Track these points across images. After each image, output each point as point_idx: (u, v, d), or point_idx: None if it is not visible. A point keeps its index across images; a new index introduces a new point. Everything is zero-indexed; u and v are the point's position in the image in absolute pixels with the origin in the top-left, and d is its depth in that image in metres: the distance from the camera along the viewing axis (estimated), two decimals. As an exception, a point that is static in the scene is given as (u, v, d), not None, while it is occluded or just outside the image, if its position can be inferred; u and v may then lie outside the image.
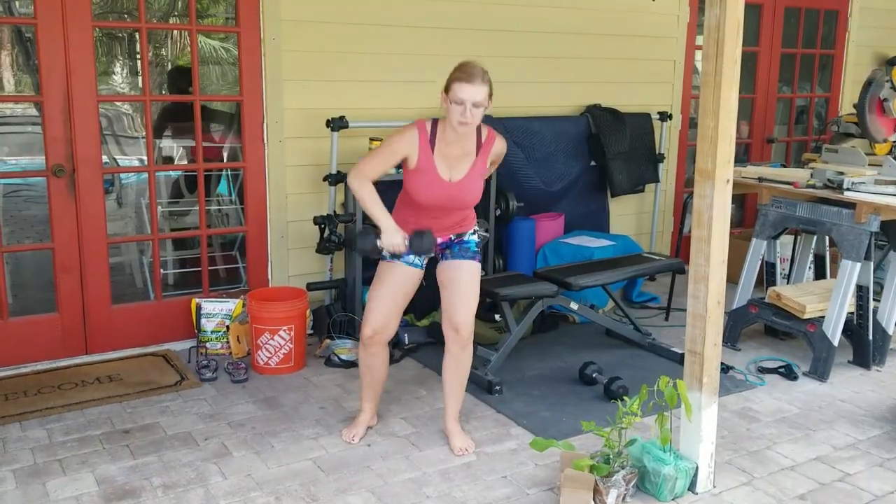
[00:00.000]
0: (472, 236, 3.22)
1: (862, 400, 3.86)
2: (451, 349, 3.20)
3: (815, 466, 3.21)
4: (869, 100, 4.41)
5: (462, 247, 3.17)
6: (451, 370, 3.24)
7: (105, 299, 4.21)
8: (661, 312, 5.16)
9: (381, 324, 3.19)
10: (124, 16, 8.76)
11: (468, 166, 3.06)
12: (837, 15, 6.77)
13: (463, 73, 2.91)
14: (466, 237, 3.21)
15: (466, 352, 3.21)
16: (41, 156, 4.04)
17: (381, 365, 3.33)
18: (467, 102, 2.89)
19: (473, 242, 3.21)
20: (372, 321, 3.18)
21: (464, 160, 3.06)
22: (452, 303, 3.14)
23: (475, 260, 3.20)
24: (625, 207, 5.85)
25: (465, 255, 3.17)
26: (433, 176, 3.03)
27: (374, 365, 3.31)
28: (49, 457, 3.16)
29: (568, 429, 3.44)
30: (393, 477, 3.05)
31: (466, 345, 3.19)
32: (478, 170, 3.08)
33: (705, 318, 2.87)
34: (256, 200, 4.52)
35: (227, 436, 3.37)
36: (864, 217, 3.99)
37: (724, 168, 2.78)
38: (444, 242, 3.20)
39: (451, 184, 3.05)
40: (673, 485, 2.89)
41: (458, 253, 3.17)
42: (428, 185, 3.03)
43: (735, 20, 2.68)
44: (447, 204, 3.09)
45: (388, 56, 4.67)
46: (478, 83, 2.90)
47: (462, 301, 3.13)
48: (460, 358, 3.21)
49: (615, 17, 5.48)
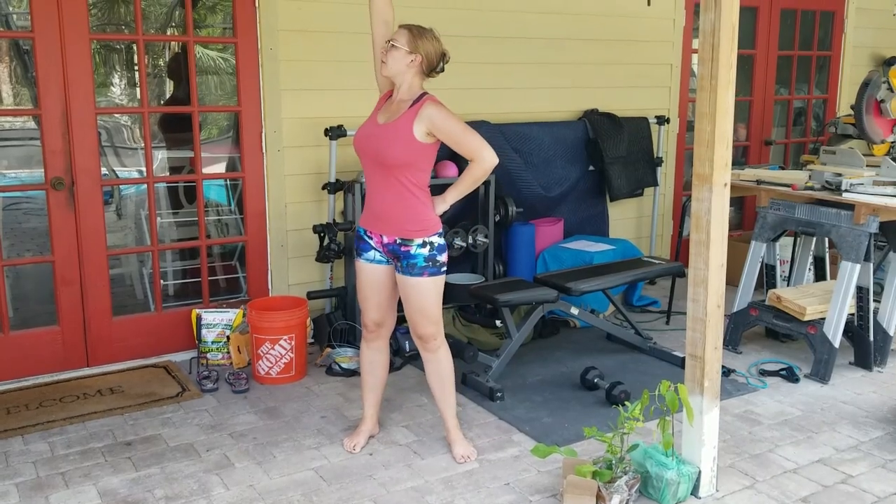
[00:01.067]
0: (420, 249, 3.07)
1: (864, 401, 3.86)
2: (423, 355, 3.28)
3: (818, 469, 3.20)
4: (866, 101, 4.42)
5: (409, 261, 3.08)
6: (431, 373, 3.28)
7: (106, 311, 4.21)
8: (662, 316, 5.16)
9: (379, 316, 3.26)
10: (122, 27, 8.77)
11: (397, 116, 3.07)
12: (834, 16, 6.78)
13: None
14: (413, 249, 3.07)
15: (437, 355, 3.24)
16: (39, 169, 4.04)
17: (382, 364, 3.36)
18: (387, 43, 3.06)
19: (421, 257, 3.07)
20: (370, 315, 3.26)
21: (397, 111, 3.09)
22: (409, 317, 3.21)
23: (424, 275, 3.09)
24: (624, 211, 5.86)
25: (412, 272, 3.09)
26: (372, 119, 3.16)
27: (376, 362, 3.33)
28: (51, 470, 3.15)
29: (570, 434, 3.44)
30: (395, 486, 3.05)
31: (434, 349, 3.22)
32: (404, 121, 3.03)
33: (705, 322, 2.87)
34: (256, 210, 4.52)
35: (229, 446, 3.37)
36: (863, 218, 4.00)
37: (721, 171, 2.78)
38: (391, 245, 3.11)
39: (377, 125, 3.10)
40: (676, 489, 2.89)
41: (405, 269, 3.10)
42: (364, 126, 3.16)
43: (730, 24, 2.68)
44: (366, 148, 3.09)
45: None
46: (401, 27, 3.07)
47: (416, 314, 3.17)
48: (433, 362, 3.25)
49: (611, 22, 5.49)
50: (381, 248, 3.15)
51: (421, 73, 3.08)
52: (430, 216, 3.11)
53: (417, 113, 3.01)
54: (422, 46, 3.04)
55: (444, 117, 3.01)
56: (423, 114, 3.01)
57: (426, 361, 3.28)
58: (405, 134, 3.01)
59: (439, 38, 3.11)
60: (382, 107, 3.18)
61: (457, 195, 3.14)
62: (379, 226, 3.12)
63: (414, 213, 3.07)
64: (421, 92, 3.09)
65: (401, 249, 3.09)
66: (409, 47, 3.03)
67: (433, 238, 3.10)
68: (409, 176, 3.04)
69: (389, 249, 3.13)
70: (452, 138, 3.04)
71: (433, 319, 3.17)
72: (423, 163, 3.07)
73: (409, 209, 3.07)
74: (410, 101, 3.06)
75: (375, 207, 3.13)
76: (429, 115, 3.00)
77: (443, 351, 3.25)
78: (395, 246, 3.10)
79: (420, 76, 3.09)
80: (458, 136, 3.04)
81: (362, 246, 3.20)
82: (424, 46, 3.05)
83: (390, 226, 3.09)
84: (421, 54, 3.04)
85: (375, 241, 3.15)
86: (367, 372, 3.37)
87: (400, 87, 3.09)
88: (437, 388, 3.29)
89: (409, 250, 3.08)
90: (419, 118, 3.01)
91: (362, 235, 3.20)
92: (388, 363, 3.42)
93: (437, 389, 3.29)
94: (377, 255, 3.18)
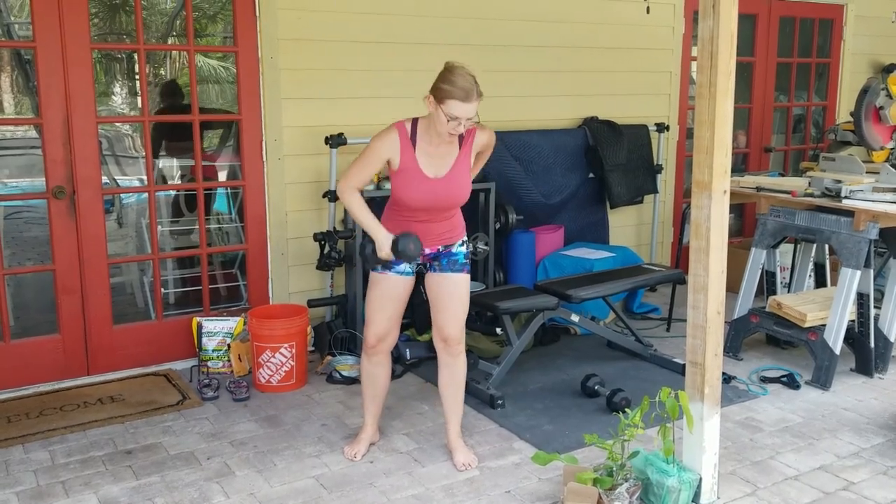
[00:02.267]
0: (460, 248, 3.20)
1: (865, 408, 3.86)
2: (443, 359, 3.25)
3: (819, 476, 3.20)
4: (865, 108, 4.43)
5: (450, 259, 3.16)
6: (446, 380, 3.27)
7: (106, 320, 4.21)
8: (663, 323, 5.16)
9: (384, 331, 3.24)
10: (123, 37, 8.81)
11: (452, 161, 3.06)
12: (832, 24, 6.81)
13: (458, 90, 2.87)
14: (455, 248, 3.19)
15: (459, 360, 3.23)
16: (41, 178, 4.06)
17: (383, 376, 3.35)
18: (462, 119, 2.92)
19: (462, 254, 3.20)
20: (374, 330, 3.23)
21: (447, 156, 3.06)
22: (441, 315, 3.18)
23: (464, 272, 3.20)
24: (624, 219, 5.87)
25: (454, 268, 3.17)
26: (417, 174, 3.03)
27: (377, 375, 3.32)
28: (52, 479, 3.15)
29: (571, 442, 3.44)
30: (396, 493, 3.05)
31: (458, 354, 3.22)
32: (462, 163, 3.08)
33: (705, 329, 2.87)
34: (256, 218, 4.53)
35: (230, 455, 3.36)
36: (863, 225, 4.00)
37: (720, 178, 2.79)
38: (433, 253, 3.18)
39: (436, 181, 3.04)
40: (677, 497, 2.88)
41: (446, 266, 3.16)
42: (413, 184, 3.04)
43: (728, 32, 2.69)
44: (434, 203, 3.07)
45: (385, 73, 4.69)
46: (473, 100, 2.91)
47: (450, 313, 3.17)
48: (453, 367, 3.24)
49: (611, 31, 5.51)
50: (421, 258, 3.17)
51: None
52: (463, 220, 3.28)
53: (471, 146, 3.12)
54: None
55: (488, 134, 3.20)
56: (477, 142, 3.14)
57: (445, 366, 3.26)
58: (467, 172, 3.12)
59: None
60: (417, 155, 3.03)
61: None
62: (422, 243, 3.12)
63: (459, 221, 3.24)
64: None
65: (443, 252, 3.18)
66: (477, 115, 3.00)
67: (465, 237, 3.25)
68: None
69: (431, 256, 3.19)
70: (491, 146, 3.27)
71: (464, 320, 3.22)
72: None
73: (456, 221, 3.22)
74: (455, 139, 3.09)
75: (421, 231, 3.10)
76: (482, 142, 3.17)
77: (463, 357, 3.26)
78: (436, 253, 3.18)
79: None
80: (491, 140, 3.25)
81: (394, 261, 3.13)
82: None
83: (436, 239, 3.16)
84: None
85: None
86: (368, 385, 3.36)
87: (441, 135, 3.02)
88: (451, 394, 3.28)
89: (451, 249, 3.18)
90: (475, 147, 3.14)
91: None
92: (390, 372, 3.40)
93: (451, 395, 3.28)
94: (408, 267, 3.18)
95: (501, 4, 5.06)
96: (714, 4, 2.68)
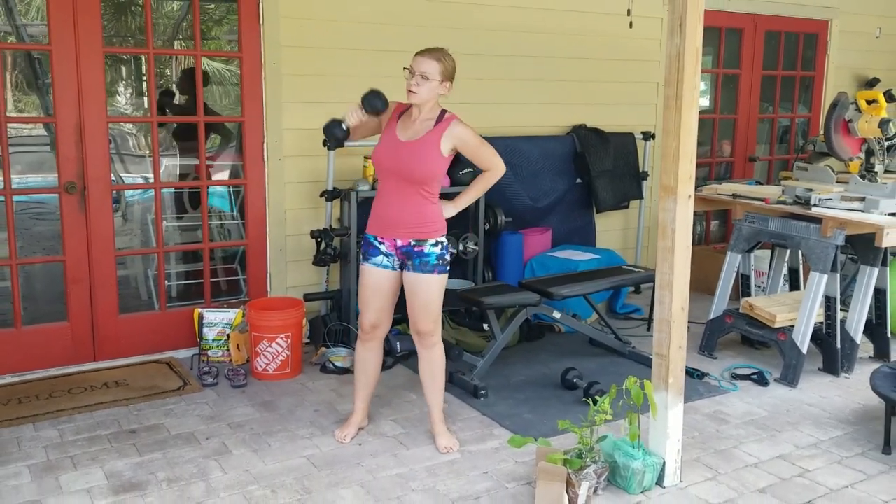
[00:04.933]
0: (433, 248, 3.33)
1: (828, 404, 4.08)
2: (419, 351, 3.50)
3: (778, 463, 3.42)
4: (834, 121, 4.65)
5: (422, 259, 3.32)
6: (424, 369, 3.51)
7: (113, 309, 4.44)
8: (644, 323, 5.38)
9: (375, 319, 3.47)
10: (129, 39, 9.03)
11: (422, 134, 3.29)
12: (817, 38, 7.03)
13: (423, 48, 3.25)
14: (427, 248, 3.32)
15: (434, 351, 3.46)
16: (48, 174, 4.27)
17: (374, 362, 3.58)
18: (416, 71, 3.21)
19: (433, 255, 3.33)
20: (368, 317, 3.47)
21: (420, 130, 3.31)
22: (413, 311, 3.42)
23: (434, 273, 3.34)
24: (611, 223, 6.09)
25: (424, 269, 3.33)
26: (391, 134, 3.34)
27: (369, 360, 3.55)
28: (61, 454, 3.38)
29: (548, 429, 3.66)
30: (381, 472, 3.27)
31: (431, 346, 3.45)
32: (431, 139, 3.26)
33: (670, 323, 3.09)
34: (256, 216, 4.76)
35: (227, 436, 3.59)
36: (830, 231, 4.22)
37: (685, 184, 3.01)
38: (405, 247, 3.34)
39: (403, 143, 3.29)
40: (641, 478, 3.10)
41: (417, 266, 3.34)
42: (384, 141, 3.34)
43: (694, 48, 2.92)
44: (397, 165, 3.28)
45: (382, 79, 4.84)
46: (427, 56, 3.23)
47: (421, 311, 3.39)
48: (429, 358, 3.47)
49: (600, 42, 5.74)
50: (394, 252, 3.37)
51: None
52: (441, 219, 3.40)
53: (444, 132, 3.28)
54: (451, 73, 3.28)
55: (470, 135, 3.33)
56: (450, 133, 3.29)
57: (421, 357, 3.50)
58: (434, 151, 3.27)
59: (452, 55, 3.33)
60: (398, 123, 3.36)
61: (468, 200, 3.48)
62: (392, 231, 3.34)
63: (430, 216, 3.35)
64: (441, 110, 3.33)
65: (414, 249, 3.34)
66: (442, 77, 3.25)
67: (443, 238, 3.38)
68: (428, 186, 3.32)
69: (403, 251, 3.37)
70: (476, 152, 3.38)
71: (434, 316, 3.41)
72: (442, 174, 3.37)
73: (425, 214, 3.34)
74: (433, 119, 3.31)
75: (392, 215, 3.34)
76: (457, 135, 3.30)
77: (438, 348, 3.48)
78: (408, 248, 3.35)
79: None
80: (480, 151, 3.39)
81: (371, 251, 3.40)
82: (452, 72, 3.28)
83: (406, 230, 3.33)
84: (450, 80, 3.28)
85: (388, 245, 3.37)
86: (360, 370, 3.59)
87: (422, 107, 3.31)
88: (429, 383, 3.51)
89: (422, 249, 3.33)
90: (447, 136, 3.28)
91: (372, 241, 3.41)
92: (381, 361, 3.64)
93: (429, 384, 3.51)
94: (385, 260, 3.40)
95: (495, 16, 5.29)
96: (681, 24, 2.91)
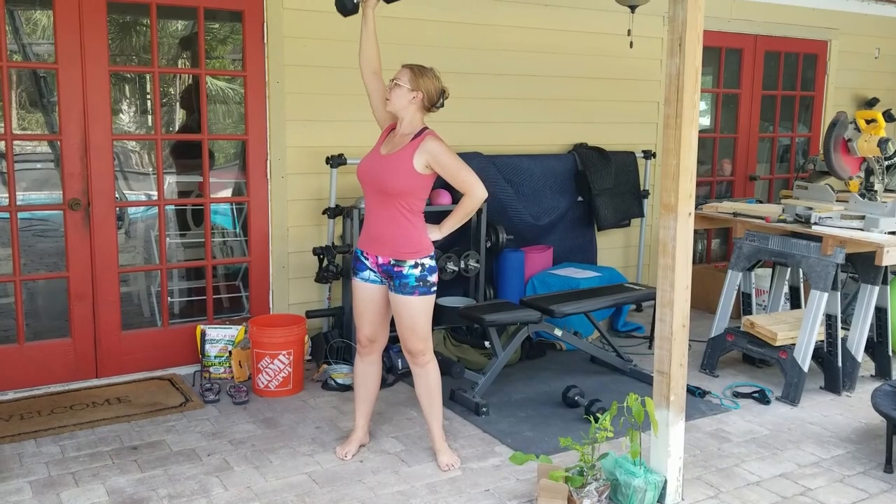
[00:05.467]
0: (412, 269, 3.31)
1: (829, 423, 4.07)
2: (413, 370, 3.52)
3: (780, 482, 3.42)
4: (834, 140, 4.68)
5: (401, 281, 3.33)
6: (419, 388, 3.52)
7: (115, 326, 4.46)
8: (645, 341, 5.39)
9: (371, 331, 3.51)
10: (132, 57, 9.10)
11: (398, 148, 3.34)
12: (816, 59, 7.08)
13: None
14: (405, 270, 3.31)
15: (427, 369, 3.47)
16: (51, 191, 4.31)
17: (374, 377, 3.60)
18: (391, 82, 3.34)
19: (412, 277, 3.31)
20: (363, 331, 3.52)
21: (399, 143, 3.36)
22: (400, 332, 3.45)
23: (415, 294, 3.33)
24: (612, 241, 6.11)
25: (404, 291, 3.34)
26: (375, 150, 3.43)
27: (369, 374, 3.57)
28: (63, 470, 3.38)
29: (549, 447, 3.66)
30: (383, 489, 3.27)
31: (424, 364, 3.46)
32: (404, 154, 3.30)
33: (671, 340, 3.10)
34: (259, 233, 4.78)
35: (229, 452, 3.59)
36: (831, 249, 4.23)
37: (686, 202, 3.03)
38: (385, 266, 3.35)
39: (380, 156, 3.37)
40: (643, 496, 3.10)
41: (398, 287, 3.35)
42: (368, 156, 3.43)
43: (693, 68, 2.96)
44: (371, 176, 3.34)
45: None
46: (403, 66, 3.36)
47: (407, 330, 3.41)
48: (424, 376, 3.49)
49: (601, 62, 5.79)
50: (377, 269, 3.40)
51: (422, 108, 3.37)
52: (423, 240, 3.37)
53: (418, 147, 3.29)
54: (423, 84, 3.33)
55: (443, 152, 3.29)
56: (423, 147, 3.29)
57: (415, 376, 3.51)
58: (406, 165, 3.28)
59: (439, 77, 3.39)
60: (385, 139, 3.45)
61: (452, 226, 3.45)
62: (375, 247, 3.37)
63: (408, 236, 3.33)
64: (422, 126, 3.37)
65: (394, 270, 3.34)
66: (411, 85, 3.32)
67: (424, 260, 3.35)
68: (405, 203, 3.31)
69: (384, 270, 3.38)
70: (448, 172, 3.33)
71: (422, 336, 3.41)
72: (419, 192, 3.34)
73: (403, 233, 3.33)
74: (412, 134, 3.34)
75: (373, 231, 3.38)
76: (429, 150, 3.28)
77: (431, 366, 3.49)
78: (388, 266, 3.35)
79: (421, 111, 3.37)
80: (454, 171, 3.33)
81: (359, 266, 3.46)
82: (425, 84, 3.34)
83: (386, 248, 3.34)
84: (422, 91, 3.33)
85: (371, 261, 3.40)
86: (360, 384, 3.61)
87: (402, 122, 3.38)
88: (425, 401, 3.52)
89: (401, 270, 3.33)
90: (420, 151, 3.28)
91: (359, 256, 3.45)
92: (381, 377, 3.66)
93: (425, 402, 3.52)
94: (372, 274, 3.43)
95: (495, 36, 5.34)
96: (680, 44, 2.94)
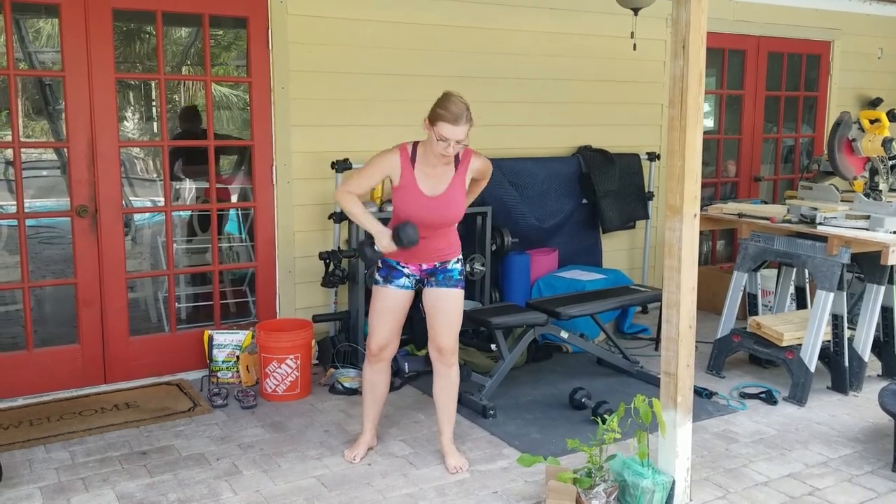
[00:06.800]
0: (455, 264, 3.46)
1: (837, 422, 4.07)
2: (437, 369, 3.51)
3: (788, 482, 3.42)
4: (838, 140, 4.68)
5: (446, 274, 3.43)
6: (440, 387, 3.52)
7: (123, 331, 4.48)
8: (651, 343, 5.39)
9: (385, 340, 3.50)
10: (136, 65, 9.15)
11: (448, 181, 3.34)
12: (819, 59, 7.08)
13: (449, 113, 3.17)
14: (450, 265, 3.45)
15: (452, 371, 3.49)
16: (58, 198, 4.33)
17: (383, 383, 3.60)
18: (451, 140, 3.20)
19: (457, 270, 3.45)
20: (377, 338, 3.49)
21: (443, 177, 3.34)
22: (435, 327, 3.45)
23: (458, 287, 3.45)
24: (617, 243, 6.11)
25: (449, 283, 3.43)
26: (415, 191, 3.33)
27: (377, 382, 3.58)
28: (72, 475, 3.40)
29: (557, 449, 3.66)
30: (391, 492, 3.28)
31: (451, 364, 3.47)
32: (457, 183, 3.35)
33: (678, 341, 3.11)
34: (266, 238, 4.80)
35: (238, 456, 3.60)
36: (836, 249, 4.24)
37: (691, 203, 3.04)
38: (430, 269, 3.44)
39: (432, 198, 3.33)
40: (651, 497, 3.10)
41: (441, 281, 3.43)
42: (411, 200, 3.33)
43: (697, 69, 2.97)
44: (431, 220, 3.32)
45: (388, 102, 4.98)
46: (461, 124, 3.18)
47: (444, 325, 3.43)
48: (447, 376, 3.49)
49: (605, 64, 5.80)
50: (419, 273, 3.44)
51: None
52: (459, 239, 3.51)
53: (467, 168, 3.39)
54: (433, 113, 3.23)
55: (486, 162, 3.48)
56: (472, 168, 3.41)
57: (439, 375, 3.51)
58: (460, 194, 3.39)
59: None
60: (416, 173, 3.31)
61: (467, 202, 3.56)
62: (419, 259, 3.40)
63: (455, 240, 3.51)
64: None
65: (439, 267, 3.43)
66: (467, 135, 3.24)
67: (461, 255, 3.51)
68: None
69: (427, 272, 3.45)
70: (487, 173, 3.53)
71: (456, 332, 3.47)
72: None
73: (453, 240, 3.49)
74: (451, 161, 3.35)
75: (423, 251, 3.37)
76: (477, 168, 3.43)
77: (456, 368, 3.52)
78: (433, 268, 3.44)
79: None
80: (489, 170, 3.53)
81: (394, 274, 3.43)
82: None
83: (435, 255, 3.42)
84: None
85: (412, 268, 3.43)
86: (369, 391, 3.61)
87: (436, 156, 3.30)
88: (445, 402, 3.52)
89: (447, 266, 3.44)
90: (469, 172, 3.41)
91: (395, 266, 3.44)
92: (389, 382, 3.66)
93: (444, 402, 3.52)
94: (407, 281, 3.45)
95: (499, 39, 5.36)
96: (684, 46, 2.96)
